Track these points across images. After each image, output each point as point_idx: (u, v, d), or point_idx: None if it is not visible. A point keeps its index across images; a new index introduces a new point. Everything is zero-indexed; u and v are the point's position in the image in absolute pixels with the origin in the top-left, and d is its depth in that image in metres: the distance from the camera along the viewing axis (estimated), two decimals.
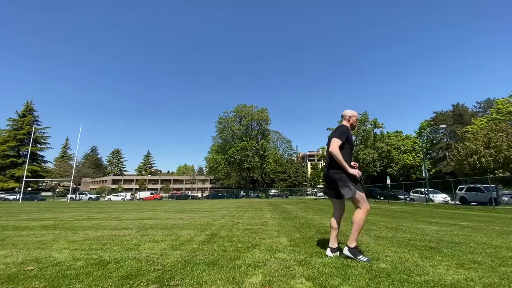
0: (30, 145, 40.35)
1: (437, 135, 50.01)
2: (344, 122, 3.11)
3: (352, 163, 2.96)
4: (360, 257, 2.70)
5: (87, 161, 75.92)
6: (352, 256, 2.72)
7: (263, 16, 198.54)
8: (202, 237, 4.32)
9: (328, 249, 2.98)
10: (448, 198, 21.53)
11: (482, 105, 49.20)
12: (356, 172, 2.77)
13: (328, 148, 2.88)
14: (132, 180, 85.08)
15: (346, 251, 2.77)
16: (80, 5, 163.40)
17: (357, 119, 3.15)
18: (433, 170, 45.67)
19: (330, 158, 2.91)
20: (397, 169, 48.51)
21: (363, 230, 5.11)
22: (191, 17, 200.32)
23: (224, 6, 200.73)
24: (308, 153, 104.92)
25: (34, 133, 47.58)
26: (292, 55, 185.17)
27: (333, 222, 3.05)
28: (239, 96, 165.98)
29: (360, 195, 2.81)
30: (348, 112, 3.13)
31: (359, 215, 2.81)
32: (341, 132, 2.89)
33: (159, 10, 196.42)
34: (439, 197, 21.95)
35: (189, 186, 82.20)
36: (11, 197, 39.16)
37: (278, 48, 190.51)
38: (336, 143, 2.80)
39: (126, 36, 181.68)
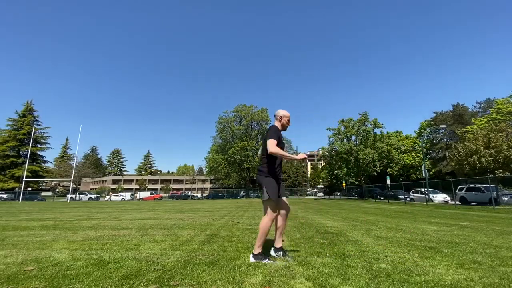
0: (30, 145, 40.32)
1: (437, 135, 49.99)
2: (276, 122, 3.12)
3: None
4: (265, 260, 2.68)
5: (87, 161, 75.87)
6: (254, 261, 2.69)
7: (263, 16, 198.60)
8: (202, 237, 4.32)
9: (272, 249, 2.99)
10: (448, 198, 21.52)
11: (482, 105, 49.19)
12: (302, 155, 2.87)
13: (267, 150, 2.88)
14: (132, 180, 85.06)
15: (251, 258, 2.74)
16: (80, 5, 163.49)
17: (288, 120, 3.13)
18: (433, 170, 45.66)
19: (262, 160, 2.97)
20: (397, 169, 48.50)
21: (363, 230, 5.12)
22: (191, 17, 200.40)
23: (224, 6, 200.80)
24: (308, 153, 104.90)
25: (34, 133, 47.55)
26: (292, 55, 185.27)
27: (278, 220, 3.01)
28: (239, 96, 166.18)
29: (273, 204, 2.81)
30: (280, 112, 3.13)
31: (265, 223, 2.79)
32: (273, 132, 2.91)
33: (159, 10, 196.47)
34: (439, 197, 21.94)
35: (189, 186, 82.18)
36: (5, 195, 39.03)
37: (278, 48, 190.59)
38: (273, 143, 2.83)
39: (126, 36, 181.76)
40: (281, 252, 2.92)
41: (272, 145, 2.81)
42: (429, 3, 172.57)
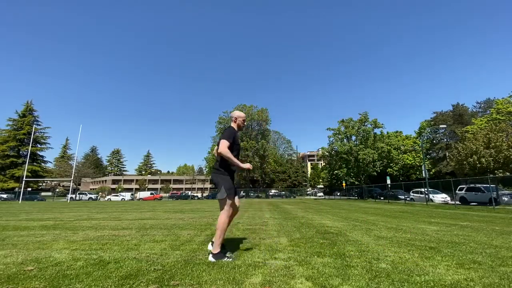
0: (30, 145, 40.31)
1: (437, 135, 50.00)
2: (232, 123, 3.16)
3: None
4: (225, 259, 2.70)
5: (87, 161, 75.91)
6: (214, 260, 2.70)
7: (263, 16, 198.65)
8: (202, 237, 4.32)
9: (210, 243, 3.07)
10: (448, 198, 21.52)
11: (482, 105, 49.20)
12: (248, 165, 2.94)
13: (217, 150, 2.92)
14: (132, 180, 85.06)
15: (210, 258, 2.74)
16: (80, 5, 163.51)
17: (243, 120, 3.18)
18: (433, 170, 45.68)
19: (218, 160, 3.00)
20: (397, 169, 48.52)
21: (363, 230, 5.12)
22: (191, 17, 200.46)
23: (224, 7, 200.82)
24: (308, 153, 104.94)
25: (34, 133, 47.54)
26: (292, 55, 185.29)
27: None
28: (239, 96, 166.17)
29: (229, 201, 2.86)
30: (235, 113, 3.17)
31: (222, 220, 2.84)
32: (228, 134, 2.94)
33: (159, 10, 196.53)
34: (439, 197, 21.94)
35: (189, 186, 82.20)
36: (5, 195, 39.03)
37: (278, 48, 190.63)
38: (224, 144, 2.86)
39: (126, 36, 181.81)
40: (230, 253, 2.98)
41: (223, 146, 2.85)
42: (429, 3, 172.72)
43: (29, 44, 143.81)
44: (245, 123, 3.25)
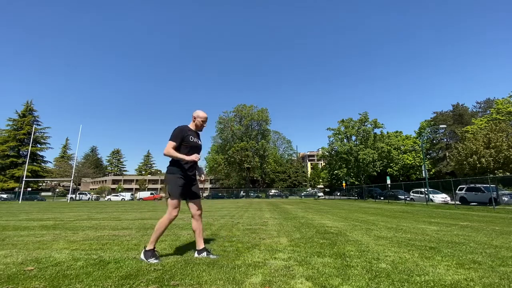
0: (30, 145, 40.32)
1: (437, 135, 50.03)
2: (191, 123, 3.13)
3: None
4: (151, 259, 2.68)
5: (87, 161, 75.93)
6: (144, 259, 2.69)
7: (263, 15, 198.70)
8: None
9: (196, 252, 2.97)
10: (448, 198, 21.53)
11: (482, 105, 49.24)
12: (194, 157, 2.85)
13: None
14: (132, 180, 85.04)
15: (141, 254, 2.76)
16: (80, 4, 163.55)
17: (202, 120, 3.13)
18: (433, 170, 45.70)
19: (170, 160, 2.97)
20: (397, 169, 48.56)
21: (363, 230, 5.12)
22: (190, 17, 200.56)
23: (224, 5, 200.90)
24: (308, 153, 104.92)
25: (34, 133, 47.53)
26: (292, 55, 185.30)
27: (192, 223, 3.05)
28: (239, 96, 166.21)
29: (172, 202, 2.82)
30: (195, 112, 3.13)
31: (161, 220, 2.81)
32: (174, 134, 2.91)
33: (158, 9, 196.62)
34: (439, 197, 21.95)
35: None
36: (5, 195, 39.06)
37: (278, 48, 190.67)
38: (168, 145, 2.86)
39: (126, 35, 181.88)
40: (205, 253, 2.90)
41: (166, 147, 2.84)
42: (430, 2, 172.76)
43: (29, 44, 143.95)
44: (205, 124, 3.18)
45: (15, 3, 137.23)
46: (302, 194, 52.99)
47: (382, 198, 28.21)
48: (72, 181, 40.43)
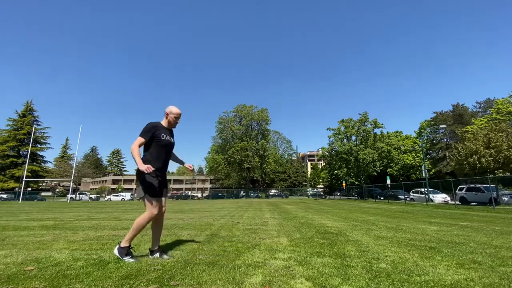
0: (30, 145, 40.31)
1: (437, 135, 50.03)
2: (163, 119, 3.05)
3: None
4: (126, 258, 2.66)
5: (87, 161, 75.88)
6: (118, 256, 2.69)
7: (263, 15, 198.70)
8: (202, 237, 4.32)
9: (149, 252, 2.94)
10: (448, 198, 21.53)
11: (482, 105, 49.23)
12: (144, 168, 2.60)
13: (144, 146, 2.87)
14: (132, 180, 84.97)
15: (115, 250, 2.75)
16: (80, 5, 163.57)
17: (175, 117, 3.04)
18: (433, 170, 45.69)
19: (141, 157, 2.89)
20: (397, 169, 48.54)
21: (363, 230, 5.11)
22: (190, 17, 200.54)
23: (224, 6, 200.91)
24: (308, 153, 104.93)
25: (34, 133, 47.52)
26: (292, 55, 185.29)
27: (152, 222, 2.95)
28: (239, 96, 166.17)
29: (152, 201, 2.74)
30: (168, 108, 3.05)
31: (141, 218, 2.75)
32: (144, 130, 2.83)
33: (158, 9, 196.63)
34: (439, 197, 21.95)
35: (189, 186, 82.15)
36: (5, 195, 39.07)
37: (277, 48, 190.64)
38: (136, 141, 2.77)
39: (126, 35, 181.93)
40: (157, 254, 2.86)
41: (134, 143, 2.76)
42: (429, 2, 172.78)
43: (29, 44, 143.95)
44: (178, 121, 3.07)
45: (15, 3, 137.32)
46: (310, 194, 52.35)
47: (382, 198, 28.21)
48: (72, 181, 40.42)
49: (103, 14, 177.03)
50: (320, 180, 68.53)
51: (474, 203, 17.64)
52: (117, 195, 47.89)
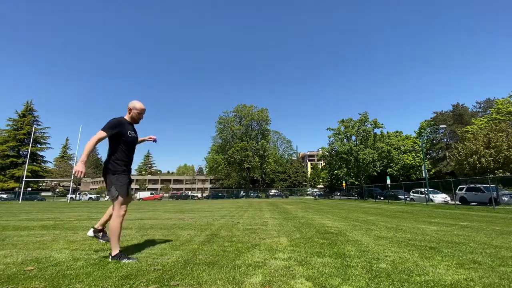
0: (30, 145, 40.30)
1: (437, 135, 50.04)
2: (126, 115, 2.96)
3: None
4: (124, 260, 2.63)
5: (87, 161, 75.62)
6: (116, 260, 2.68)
7: (263, 15, 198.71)
8: (202, 237, 4.32)
9: (92, 229, 3.07)
10: (448, 198, 21.54)
11: (482, 105, 49.27)
12: (79, 169, 2.53)
13: (111, 144, 2.82)
14: (132, 180, 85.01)
15: (110, 259, 2.71)
16: (80, 5, 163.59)
17: (138, 112, 2.96)
18: (433, 170, 45.70)
19: (108, 154, 2.83)
20: (397, 169, 48.54)
21: (363, 230, 5.11)
22: (190, 16, 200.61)
23: (224, 5, 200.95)
24: (308, 153, 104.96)
25: (34, 133, 47.50)
26: (292, 55, 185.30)
27: (109, 208, 3.00)
28: (239, 96, 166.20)
29: (120, 201, 2.74)
30: (131, 103, 2.95)
31: (113, 221, 2.73)
32: (109, 125, 2.71)
33: (158, 9, 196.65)
34: (439, 197, 21.95)
35: (189, 186, 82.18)
36: (5, 195, 39.09)
37: (278, 48, 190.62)
38: (96, 135, 2.63)
39: (125, 36, 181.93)
40: (100, 233, 3.07)
41: (94, 136, 2.62)
42: (429, 2, 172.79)
43: (29, 44, 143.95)
44: (142, 117, 2.98)
45: (15, 2, 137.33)
46: (316, 194, 51.54)
47: (382, 198, 28.22)
48: (72, 181, 40.45)
49: (103, 14, 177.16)
50: (320, 180, 68.57)
51: (474, 203, 17.64)
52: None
